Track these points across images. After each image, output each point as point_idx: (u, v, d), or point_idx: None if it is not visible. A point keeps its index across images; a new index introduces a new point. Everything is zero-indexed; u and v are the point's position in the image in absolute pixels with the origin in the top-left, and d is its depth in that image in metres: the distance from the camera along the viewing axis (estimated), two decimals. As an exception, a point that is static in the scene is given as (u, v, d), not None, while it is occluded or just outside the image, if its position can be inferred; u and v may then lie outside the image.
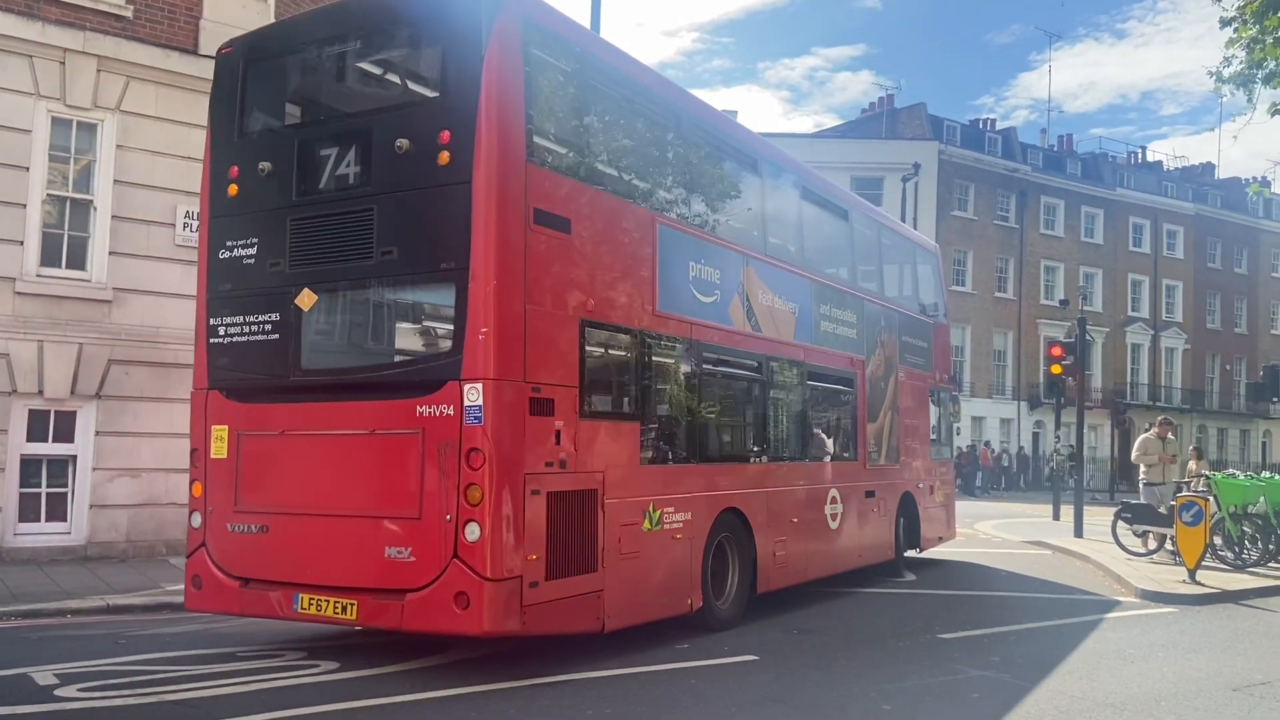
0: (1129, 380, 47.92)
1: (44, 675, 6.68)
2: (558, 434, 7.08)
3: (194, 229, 12.44)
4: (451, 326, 6.80)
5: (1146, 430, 16.01)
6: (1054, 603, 11.23)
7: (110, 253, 11.98)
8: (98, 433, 11.84)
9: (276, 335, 7.43)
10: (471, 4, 6.99)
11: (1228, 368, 52.20)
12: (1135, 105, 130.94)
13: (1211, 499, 13.18)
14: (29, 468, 11.55)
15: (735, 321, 9.56)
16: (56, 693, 6.28)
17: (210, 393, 7.73)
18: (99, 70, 11.88)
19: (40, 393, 11.48)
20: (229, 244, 7.73)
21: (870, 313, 12.67)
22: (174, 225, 12.36)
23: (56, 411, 11.68)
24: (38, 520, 11.55)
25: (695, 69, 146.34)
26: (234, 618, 8.37)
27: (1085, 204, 47.46)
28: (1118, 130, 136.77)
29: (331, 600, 6.92)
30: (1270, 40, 12.18)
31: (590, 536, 7.35)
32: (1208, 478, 14.99)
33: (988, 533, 19.32)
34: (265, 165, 7.60)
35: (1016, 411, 44.46)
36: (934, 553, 15.37)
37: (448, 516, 6.54)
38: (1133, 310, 48.71)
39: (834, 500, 11.38)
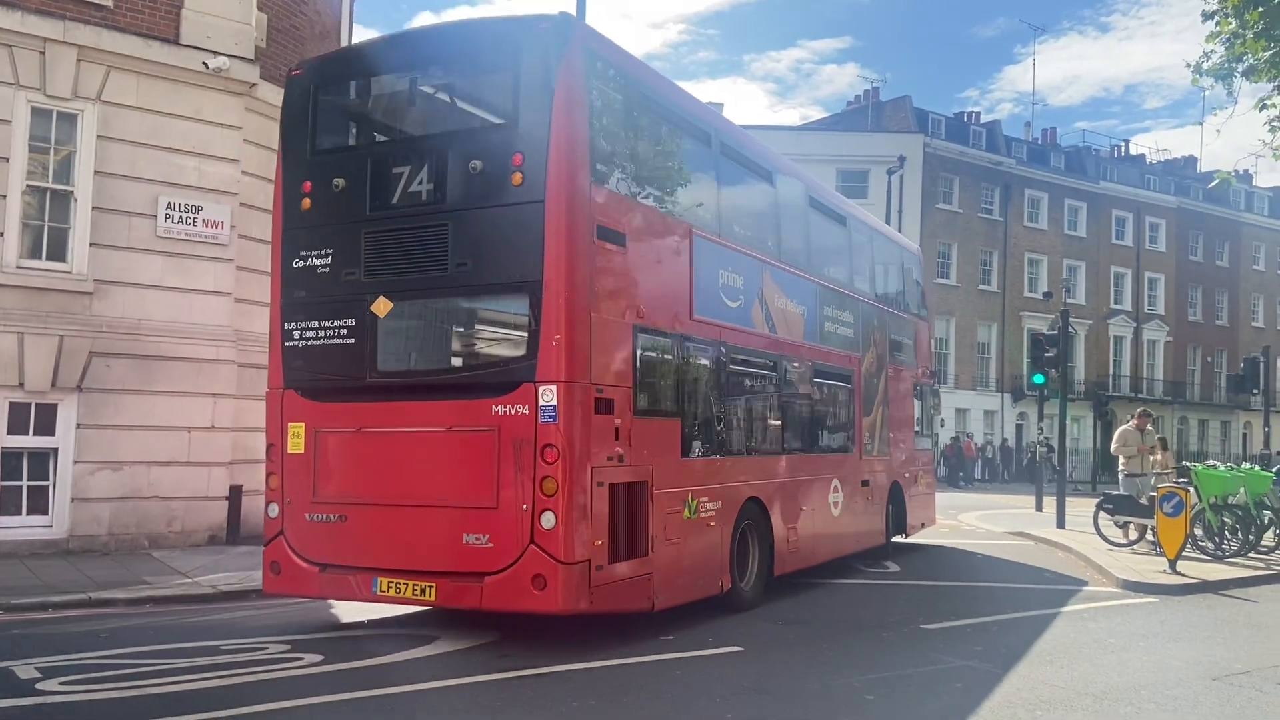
0: (1111, 372, 48.23)
1: (25, 669, 6.64)
2: (616, 430, 7.70)
3: (175, 220, 12.38)
4: (525, 333, 7.37)
5: (1126, 422, 16.20)
6: (1036, 593, 11.31)
7: (91, 244, 11.88)
8: (79, 425, 11.76)
9: (352, 340, 7.90)
10: (542, 38, 7.58)
11: (1209, 360, 52.62)
12: (1119, 99, 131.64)
13: (1192, 490, 13.29)
14: (9, 460, 11.46)
15: (756, 324, 10.24)
16: (38, 686, 6.24)
17: (286, 392, 8.23)
18: (79, 60, 11.77)
19: (21, 385, 11.39)
20: (303, 254, 8.18)
21: (864, 313, 13.29)
22: (155, 216, 12.27)
23: (37, 404, 11.58)
24: (19, 513, 11.46)
25: (681, 61, 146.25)
26: (311, 600, 8.80)
27: (1069, 197, 47.69)
28: (1101, 124, 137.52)
29: (410, 583, 7.49)
30: (1250, 35, 12.26)
31: (643, 524, 7.96)
32: (1187, 468, 15.14)
33: (971, 524, 19.44)
34: (339, 181, 8.10)
35: (1000, 403, 44.70)
36: (918, 542, 15.49)
37: (524, 506, 7.14)
38: (1115, 303, 49.00)
39: (836, 489, 12.04)
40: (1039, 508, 22.01)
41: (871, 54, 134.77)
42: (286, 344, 8.22)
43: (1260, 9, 11.83)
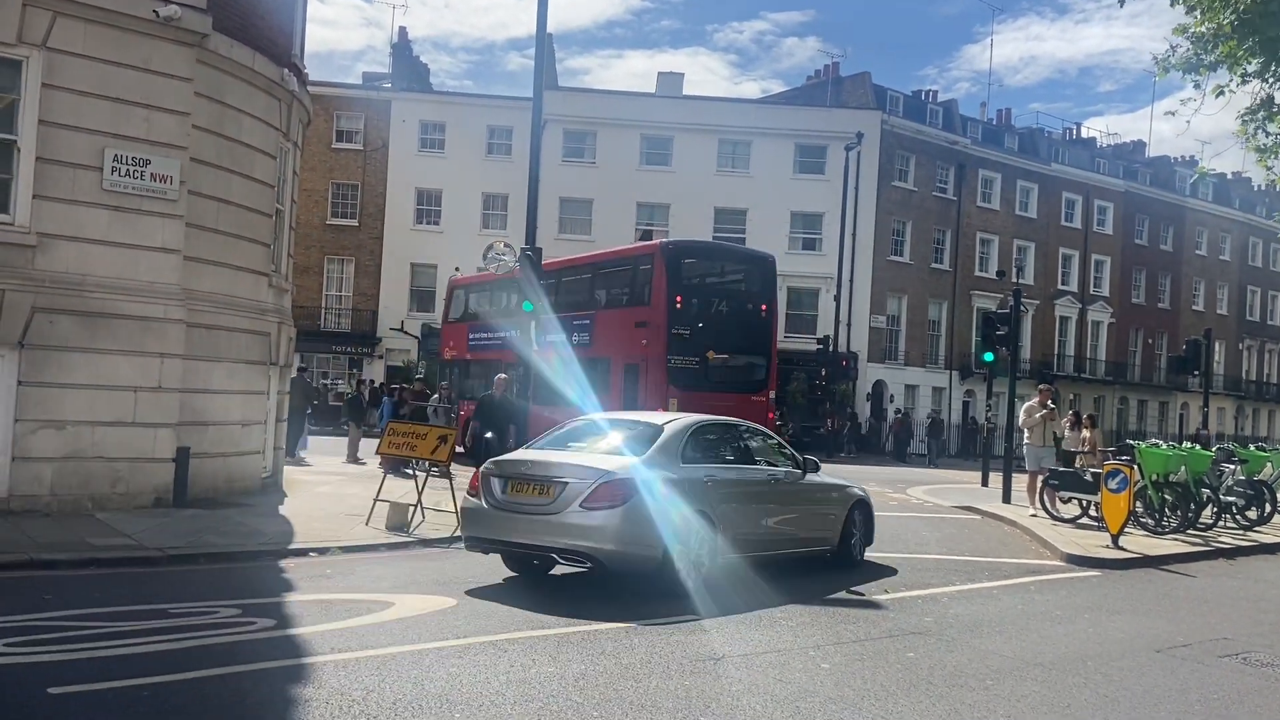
0: (1056, 352, 49.14)
1: (-34, 631, 6.45)
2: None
3: (122, 173, 11.97)
4: (764, 371, 19.94)
5: (1031, 399, 17.13)
6: (984, 565, 11.52)
7: (35, 196, 11.46)
8: (20, 383, 11.40)
9: (698, 367, 18.58)
10: (772, 263, 21.03)
11: (1150, 342, 53.83)
12: (1073, 81, 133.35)
13: (1136, 467, 13.60)
14: (-54, 418, 11.07)
15: None
16: (-20, 649, 6.07)
17: (669, 386, 18.06)
18: (24, 4, 11.27)
19: (-42, 340, 11.00)
20: (677, 329, 18.40)
21: None
22: (102, 169, 11.86)
23: (-24, 360, 11.21)
24: (-44, 472, 11.11)
25: (644, 29, 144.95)
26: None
27: (1021, 178, 48.30)
28: (1055, 105, 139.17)
29: None
30: (1209, 24, 12.26)
31: None
32: (1130, 446, 15.53)
33: (919, 498, 19.72)
34: (694, 300, 19.06)
35: (948, 380, 45.34)
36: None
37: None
38: (1062, 283, 49.85)
39: None
40: (985, 483, 22.40)
41: (833, 28, 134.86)
42: (669, 366, 18.27)
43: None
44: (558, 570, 9.77)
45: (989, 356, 20.71)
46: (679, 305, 18.28)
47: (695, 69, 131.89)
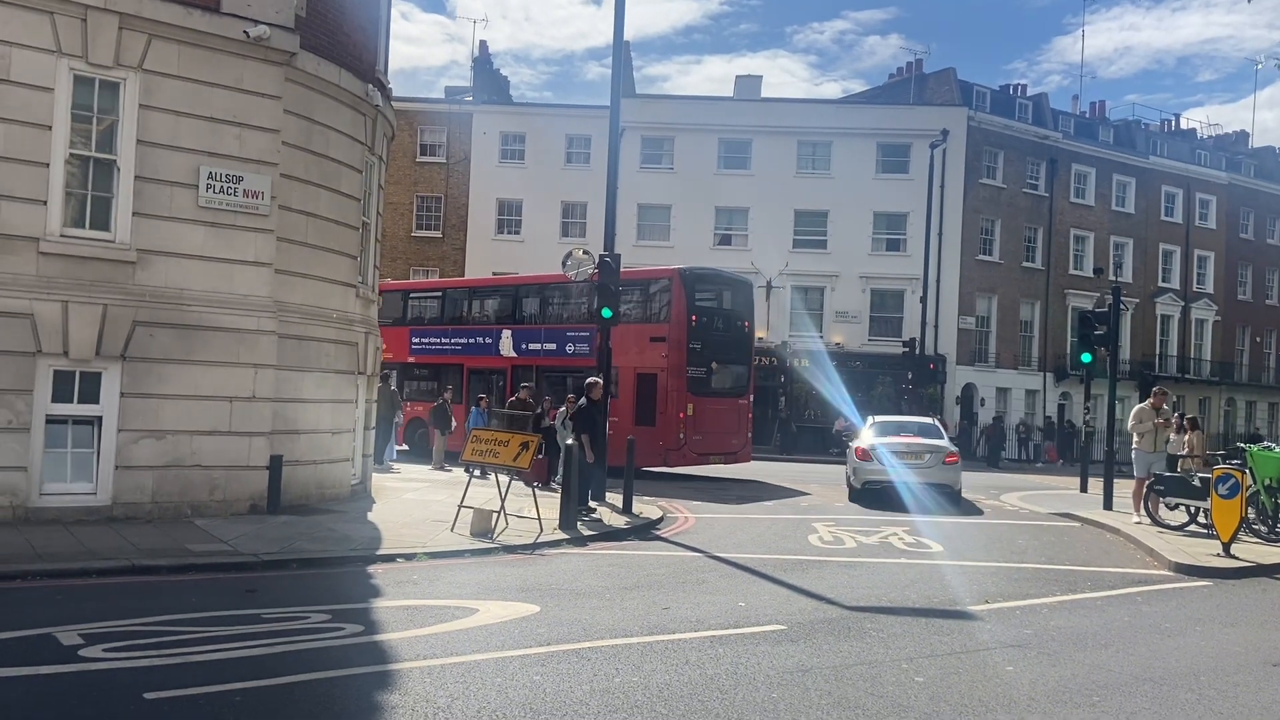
0: (1158, 352, 47.23)
1: (69, 635, 6.65)
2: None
3: (216, 190, 12.33)
4: (747, 378, 23.93)
5: (1142, 402, 16.25)
6: (1086, 575, 11.05)
7: (134, 214, 11.88)
8: (123, 394, 11.81)
9: (706, 375, 22.28)
10: (751, 290, 25.58)
11: (1258, 340, 51.32)
12: (1171, 71, 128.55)
13: (1247, 471, 12.92)
14: (54, 428, 11.53)
15: None
16: (81, 653, 6.25)
17: (686, 393, 21.47)
18: (121, 28, 11.72)
19: (65, 353, 11.45)
20: (692, 344, 21.68)
21: None
22: (197, 186, 12.24)
23: (81, 372, 11.64)
24: (64, 480, 11.56)
25: (722, 33, 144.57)
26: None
27: (1117, 172, 46.58)
28: (1153, 97, 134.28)
29: (723, 455, 22.69)
30: None
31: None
32: (1241, 449, 14.78)
33: (1014, 504, 19.09)
34: (703, 319, 22.33)
35: (1042, 383, 43.99)
36: (962, 521, 15.25)
37: (745, 425, 23.81)
38: (1163, 281, 47.87)
39: None
40: (1084, 488, 21.60)
41: (916, 24, 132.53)
42: (686, 377, 21.51)
43: None
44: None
45: (1087, 357, 19.99)
46: (694, 323, 21.81)
47: (775, 71, 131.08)
